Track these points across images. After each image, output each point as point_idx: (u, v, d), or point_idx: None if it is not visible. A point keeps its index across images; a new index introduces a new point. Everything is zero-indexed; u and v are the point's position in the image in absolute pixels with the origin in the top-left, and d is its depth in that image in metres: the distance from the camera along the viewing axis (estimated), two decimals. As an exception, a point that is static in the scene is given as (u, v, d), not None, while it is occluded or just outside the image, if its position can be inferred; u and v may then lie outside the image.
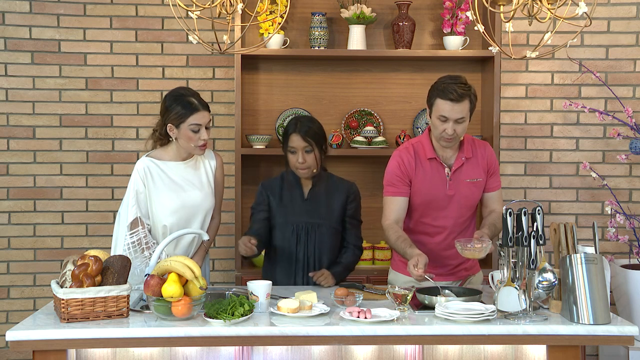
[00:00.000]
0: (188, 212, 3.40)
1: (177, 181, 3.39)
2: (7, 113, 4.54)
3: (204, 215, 3.45)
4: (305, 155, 3.42)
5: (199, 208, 3.43)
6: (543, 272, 2.80)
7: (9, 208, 4.56)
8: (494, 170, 3.44)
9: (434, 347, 2.81)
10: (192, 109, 3.29)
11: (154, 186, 3.36)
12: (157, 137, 3.41)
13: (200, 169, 3.47)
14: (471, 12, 3.25)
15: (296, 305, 2.80)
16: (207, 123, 3.34)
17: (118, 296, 2.76)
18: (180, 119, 3.29)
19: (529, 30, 4.47)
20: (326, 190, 3.52)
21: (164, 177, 3.37)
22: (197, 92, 3.39)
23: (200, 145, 3.34)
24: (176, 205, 3.37)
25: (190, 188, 3.41)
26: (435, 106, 3.25)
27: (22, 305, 4.59)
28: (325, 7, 4.56)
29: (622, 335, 2.70)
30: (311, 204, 3.51)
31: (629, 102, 4.56)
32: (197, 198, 3.41)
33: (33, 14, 4.52)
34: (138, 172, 3.36)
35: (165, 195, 3.36)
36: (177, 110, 3.29)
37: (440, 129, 3.25)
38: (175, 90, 3.41)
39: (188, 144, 3.33)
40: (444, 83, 3.25)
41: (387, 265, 4.43)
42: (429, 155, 3.34)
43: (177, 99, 3.32)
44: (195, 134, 3.31)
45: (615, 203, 4.42)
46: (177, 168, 3.40)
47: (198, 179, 3.45)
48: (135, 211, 3.34)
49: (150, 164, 3.37)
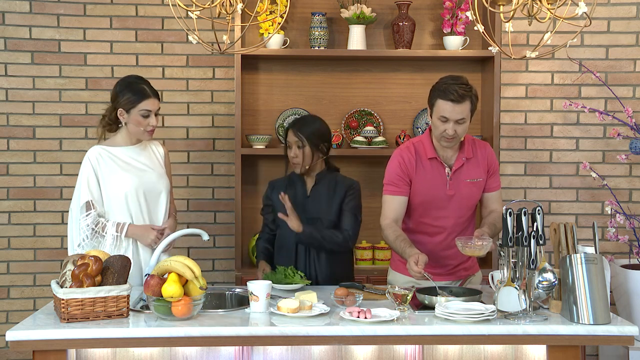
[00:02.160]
0: (149, 194, 3.46)
1: (130, 163, 3.46)
2: (7, 113, 4.54)
3: (166, 198, 3.52)
4: (297, 151, 3.54)
5: (159, 187, 3.49)
6: (543, 272, 2.79)
7: (9, 208, 4.56)
8: (494, 171, 3.44)
9: (434, 347, 2.81)
10: (143, 95, 3.42)
11: (108, 170, 3.42)
12: (106, 122, 3.50)
13: (149, 152, 3.56)
14: (471, 12, 3.25)
15: (296, 305, 2.80)
16: (156, 110, 3.46)
17: (118, 296, 2.76)
18: (131, 104, 3.41)
19: (529, 30, 4.47)
20: (328, 188, 3.59)
21: (117, 160, 3.44)
22: (148, 81, 3.52)
23: (148, 131, 3.45)
24: (134, 184, 3.42)
25: (146, 168, 3.49)
26: (436, 106, 3.25)
27: (22, 305, 4.59)
28: (325, 7, 4.56)
29: (622, 335, 2.70)
30: (312, 201, 3.58)
31: (629, 102, 4.56)
32: (153, 177, 3.49)
33: (33, 14, 4.51)
34: (90, 159, 3.43)
35: (120, 176, 3.42)
36: (128, 96, 3.42)
37: (440, 129, 3.25)
38: (127, 77, 3.55)
39: (137, 128, 3.44)
40: (445, 83, 3.24)
41: (387, 265, 4.43)
42: (430, 155, 3.34)
43: (128, 85, 3.45)
44: (144, 119, 3.43)
45: (615, 203, 4.42)
46: (129, 151, 3.48)
47: (150, 160, 3.53)
48: (87, 195, 3.38)
49: (101, 151, 3.45)
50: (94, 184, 3.40)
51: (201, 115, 4.63)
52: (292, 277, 3.28)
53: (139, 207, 3.43)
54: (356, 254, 4.44)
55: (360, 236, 3.78)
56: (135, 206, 3.42)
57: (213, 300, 3.21)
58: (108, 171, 3.41)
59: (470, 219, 3.44)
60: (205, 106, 4.64)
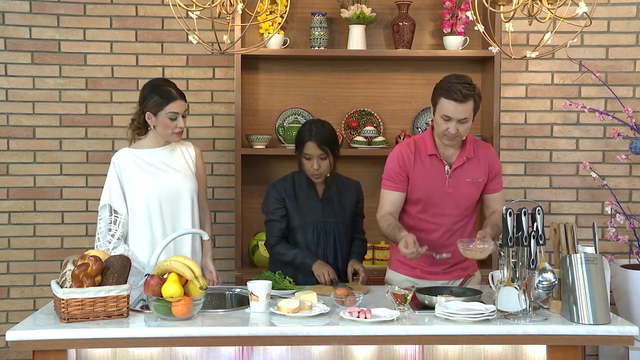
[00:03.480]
0: (171, 196, 3.45)
1: (155, 164, 3.47)
2: (7, 113, 4.54)
3: (190, 200, 3.50)
4: (321, 162, 3.51)
5: (181, 190, 3.48)
6: (543, 272, 2.80)
7: (9, 208, 4.56)
8: (497, 173, 3.44)
9: (434, 347, 2.81)
10: (169, 98, 3.43)
11: (131, 173, 3.44)
12: (135, 126, 3.52)
13: (177, 153, 3.56)
14: (471, 12, 3.25)
15: (296, 305, 2.80)
16: (183, 112, 3.47)
17: (118, 296, 2.76)
18: (158, 107, 3.42)
19: (529, 30, 4.47)
20: (338, 190, 3.63)
21: (141, 162, 3.46)
22: (173, 83, 3.53)
23: (176, 132, 3.46)
24: (156, 186, 3.43)
25: (169, 170, 3.49)
26: (439, 105, 3.25)
27: (22, 305, 4.59)
28: (325, 7, 4.56)
29: (622, 335, 2.71)
30: (326, 204, 3.60)
31: (629, 102, 4.56)
32: (176, 179, 3.48)
33: (33, 14, 4.51)
34: (114, 163, 3.47)
35: (142, 178, 3.43)
36: (155, 99, 3.43)
37: (443, 127, 3.25)
38: (153, 80, 3.57)
39: (165, 130, 3.45)
40: (449, 82, 3.24)
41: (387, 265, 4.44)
42: (430, 152, 3.35)
43: (155, 88, 3.47)
44: (172, 122, 3.44)
45: (615, 203, 4.42)
46: (155, 153, 3.50)
47: (176, 161, 3.53)
48: (106, 198, 3.42)
49: (126, 154, 3.48)
50: (116, 188, 3.42)
51: (201, 115, 4.63)
52: (281, 283, 3.26)
53: (160, 210, 3.43)
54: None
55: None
56: (156, 209, 3.43)
57: (213, 300, 3.21)
58: (130, 174, 3.44)
59: (469, 218, 3.43)
60: (205, 106, 4.63)
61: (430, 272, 3.41)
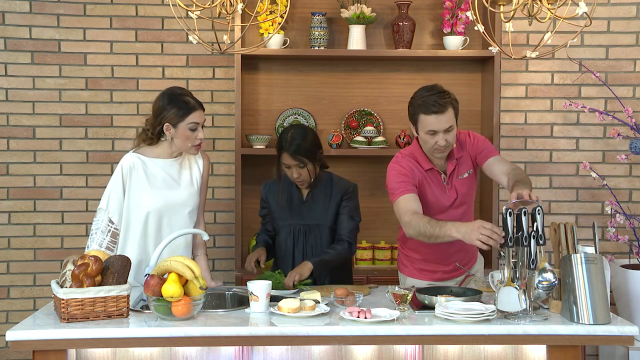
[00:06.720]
0: (172, 212, 3.34)
1: (163, 178, 3.34)
2: (7, 113, 4.54)
3: (189, 217, 3.39)
4: (300, 170, 3.47)
5: (183, 207, 3.37)
6: (543, 272, 2.79)
7: (9, 208, 4.56)
8: (483, 148, 3.37)
9: (434, 347, 2.81)
10: (189, 108, 3.29)
11: (137, 184, 3.31)
12: (147, 136, 3.35)
13: (186, 168, 3.42)
14: (471, 12, 3.25)
15: (296, 305, 2.80)
16: (203, 122, 3.35)
17: (118, 296, 2.76)
18: (179, 118, 3.27)
19: (529, 30, 4.47)
20: (324, 192, 3.56)
21: (149, 173, 3.32)
22: (190, 92, 3.40)
23: (196, 145, 3.33)
24: (158, 204, 3.31)
25: (176, 186, 3.36)
26: (421, 122, 3.22)
27: (22, 305, 4.59)
28: (325, 7, 4.56)
29: (622, 335, 2.70)
30: (309, 206, 3.56)
31: (629, 102, 4.56)
32: (181, 197, 3.37)
33: (33, 14, 4.51)
34: (122, 168, 3.31)
35: (147, 193, 3.31)
36: (174, 110, 3.27)
37: (431, 142, 3.22)
38: (170, 89, 3.38)
39: (185, 143, 3.31)
40: (422, 97, 3.21)
41: (387, 265, 4.44)
42: (426, 167, 3.34)
43: (173, 98, 3.30)
44: (192, 133, 3.29)
45: (615, 203, 4.42)
46: (164, 165, 3.35)
47: (183, 177, 3.40)
48: (104, 203, 3.30)
49: (136, 160, 3.32)
50: (116, 196, 3.30)
51: (201, 115, 4.62)
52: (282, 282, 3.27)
53: (158, 227, 3.32)
54: (356, 254, 4.43)
55: (360, 236, 3.79)
56: (154, 226, 3.31)
57: (213, 300, 3.21)
58: (137, 185, 3.30)
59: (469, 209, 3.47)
60: (205, 106, 4.60)
61: (448, 271, 3.42)
